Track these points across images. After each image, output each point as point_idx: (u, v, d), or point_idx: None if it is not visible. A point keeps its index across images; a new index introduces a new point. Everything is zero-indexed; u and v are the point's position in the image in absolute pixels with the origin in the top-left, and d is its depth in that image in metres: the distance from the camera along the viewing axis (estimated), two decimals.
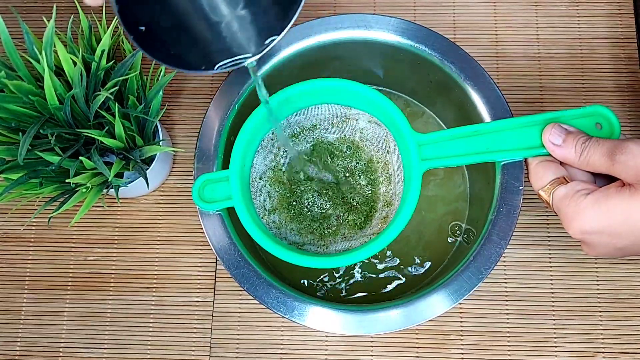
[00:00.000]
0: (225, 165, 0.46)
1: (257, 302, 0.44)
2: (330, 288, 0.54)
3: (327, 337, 0.53)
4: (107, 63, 0.47)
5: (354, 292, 0.54)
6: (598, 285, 0.53)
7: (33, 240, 0.57)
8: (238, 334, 0.53)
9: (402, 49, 0.50)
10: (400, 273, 0.54)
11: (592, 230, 0.37)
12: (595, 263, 0.54)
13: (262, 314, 0.54)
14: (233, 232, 0.46)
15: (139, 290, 0.55)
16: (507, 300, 0.53)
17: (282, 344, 0.53)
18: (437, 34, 0.49)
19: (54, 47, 0.45)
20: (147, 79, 0.50)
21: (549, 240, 0.55)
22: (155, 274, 0.55)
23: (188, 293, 0.55)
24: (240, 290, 0.54)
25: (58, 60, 0.46)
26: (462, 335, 0.53)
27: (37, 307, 0.55)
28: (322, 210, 0.48)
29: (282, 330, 0.53)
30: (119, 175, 0.52)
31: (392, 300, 0.45)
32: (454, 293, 0.44)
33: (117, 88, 0.47)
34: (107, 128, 0.48)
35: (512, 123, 0.42)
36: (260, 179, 0.48)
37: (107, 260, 0.56)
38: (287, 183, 0.48)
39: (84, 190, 0.47)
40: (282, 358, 0.53)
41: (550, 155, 0.40)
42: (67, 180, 0.45)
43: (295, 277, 0.54)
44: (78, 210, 0.48)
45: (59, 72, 0.47)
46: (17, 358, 0.54)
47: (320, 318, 0.44)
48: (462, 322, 0.53)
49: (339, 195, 0.49)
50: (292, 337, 0.53)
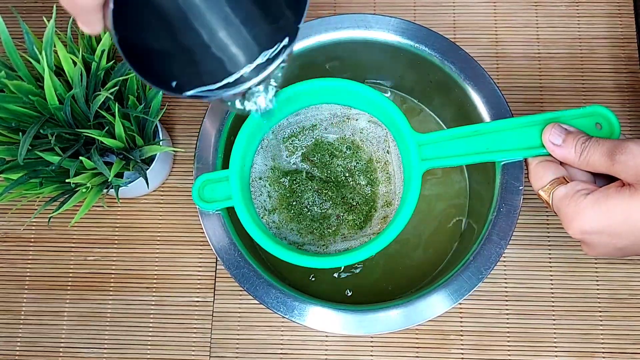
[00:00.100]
0: (225, 165, 0.46)
1: (257, 302, 0.44)
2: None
3: (327, 337, 0.53)
4: (107, 63, 0.47)
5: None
6: (597, 286, 0.53)
7: (33, 240, 0.57)
8: (238, 334, 0.53)
9: (402, 49, 0.49)
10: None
11: (592, 230, 0.37)
12: (595, 263, 0.54)
13: (262, 314, 0.54)
14: (233, 232, 0.46)
15: (139, 290, 0.55)
16: (507, 300, 0.53)
17: (282, 344, 0.53)
18: (437, 34, 0.49)
19: (54, 47, 0.45)
20: None
21: (549, 240, 0.55)
22: (155, 274, 0.55)
23: (188, 293, 0.55)
24: (240, 290, 0.54)
25: (58, 60, 0.46)
26: (462, 335, 0.53)
27: (37, 307, 0.55)
28: (322, 210, 0.48)
29: (282, 330, 0.53)
30: (119, 175, 0.52)
31: (392, 300, 0.45)
32: (454, 293, 0.44)
33: (117, 88, 0.47)
34: (107, 128, 0.48)
35: (512, 123, 0.42)
36: (260, 179, 0.48)
37: (107, 260, 0.56)
38: (287, 183, 0.48)
39: (84, 190, 0.47)
40: (282, 358, 0.53)
41: (550, 155, 0.40)
42: (67, 180, 0.45)
43: (296, 277, 0.54)
44: (78, 210, 0.48)
45: (59, 72, 0.47)
46: (17, 358, 0.54)
47: (320, 318, 0.44)
48: (462, 322, 0.53)
49: (339, 195, 0.49)
50: (292, 337, 0.53)
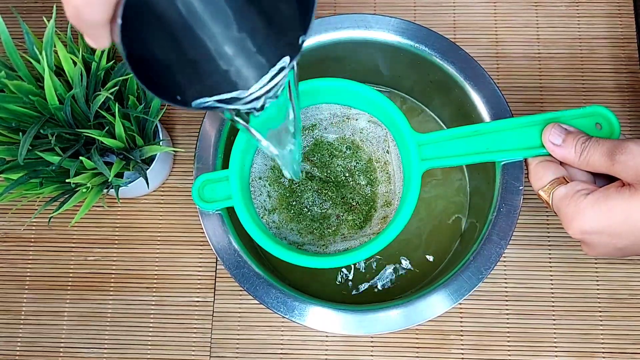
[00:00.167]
0: (225, 165, 0.46)
1: (257, 302, 0.44)
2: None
3: (327, 337, 0.53)
4: (107, 63, 0.47)
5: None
6: (597, 286, 0.53)
7: (33, 240, 0.57)
8: (238, 334, 0.53)
9: (402, 49, 0.49)
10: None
11: (592, 230, 0.37)
12: (595, 263, 0.54)
13: (262, 314, 0.54)
14: (233, 232, 0.46)
15: (139, 290, 0.55)
16: (507, 300, 0.53)
17: (282, 344, 0.53)
18: (437, 34, 0.49)
19: (54, 47, 0.45)
20: None
21: (549, 240, 0.55)
22: (156, 274, 0.55)
23: (188, 293, 0.55)
24: (240, 290, 0.54)
25: (58, 60, 0.46)
26: (462, 335, 0.53)
27: (37, 307, 0.55)
28: (321, 210, 0.48)
29: (282, 330, 0.53)
30: (119, 175, 0.52)
31: (392, 300, 0.45)
32: (454, 293, 0.44)
33: (117, 88, 0.47)
34: (107, 128, 0.48)
35: (512, 123, 0.42)
36: (260, 179, 0.48)
37: (107, 260, 0.56)
38: (286, 183, 0.48)
39: (84, 190, 0.47)
40: (282, 358, 0.53)
41: (550, 155, 0.40)
42: (67, 180, 0.45)
43: (296, 277, 0.54)
44: (78, 210, 0.48)
45: (59, 72, 0.47)
46: (17, 358, 0.54)
47: (320, 318, 0.44)
48: (462, 322, 0.53)
49: (339, 195, 0.49)
50: (292, 337, 0.53)
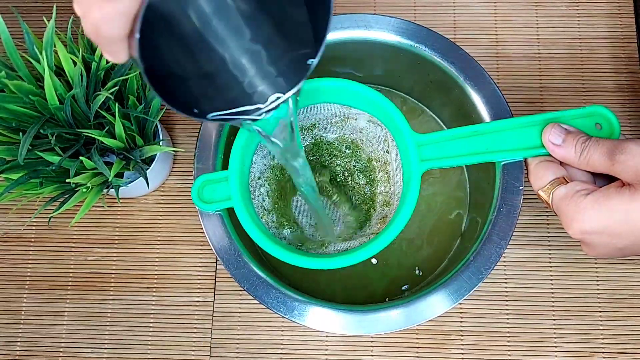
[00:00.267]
0: (225, 166, 0.46)
1: (257, 302, 0.44)
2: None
3: (327, 337, 0.53)
4: (107, 63, 0.47)
5: None
6: (598, 286, 0.53)
7: (33, 240, 0.57)
8: (238, 334, 0.53)
9: (402, 49, 0.49)
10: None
11: (592, 231, 0.37)
12: (595, 263, 0.54)
13: (262, 314, 0.54)
14: (233, 232, 0.46)
15: (139, 290, 0.55)
16: (507, 300, 0.53)
17: (282, 344, 0.53)
18: (437, 34, 0.49)
19: (54, 47, 0.45)
20: None
21: (549, 240, 0.55)
22: (156, 274, 0.55)
23: (188, 293, 0.55)
24: (240, 290, 0.54)
25: (58, 60, 0.46)
26: (462, 335, 0.53)
27: (37, 306, 0.55)
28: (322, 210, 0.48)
29: (282, 330, 0.53)
30: (119, 175, 0.52)
31: (392, 301, 0.45)
32: (454, 293, 0.44)
33: (117, 88, 0.47)
34: (107, 128, 0.48)
35: (512, 123, 0.42)
36: (260, 179, 0.48)
37: (107, 260, 0.56)
38: (286, 182, 0.48)
39: (84, 190, 0.47)
40: (282, 358, 0.53)
41: (550, 156, 0.40)
42: (67, 180, 0.45)
43: (296, 277, 0.54)
44: (78, 210, 0.48)
45: (59, 72, 0.47)
46: (17, 358, 0.54)
47: (320, 318, 0.44)
48: (462, 322, 0.53)
49: (341, 194, 0.49)
50: (292, 337, 0.53)
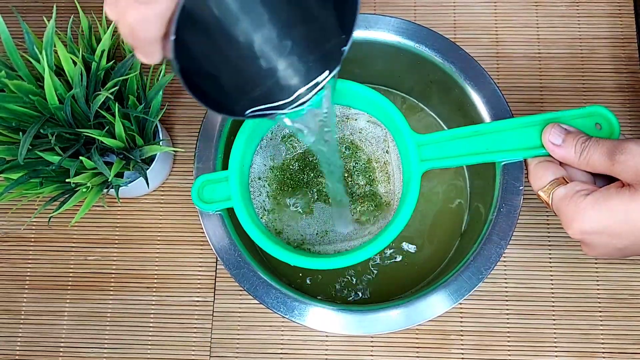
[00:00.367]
0: (225, 166, 0.46)
1: (257, 302, 0.44)
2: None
3: (327, 337, 0.53)
4: (107, 63, 0.47)
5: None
6: (598, 286, 0.53)
7: (33, 240, 0.57)
8: (238, 334, 0.54)
9: (402, 49, 0.49)
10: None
11: (592, 231, 0.37)
12: (595, 263, 0.54)
13: (262, 314, 0.54)
14: (233, 232, 0.46)
15: (140, 290, 0.55)
16: (507, 300, 0.53)
17: (282, 344, 0.53)
18: (437, 34, 0.49)
19: (54, 47, 0.45)
20: (147, 79, 0.50)
21: (549, 240, 0.55)
22: (156, 274, 0.55)
23: (188, 293, 0.55)
24: (240, 290, 0.54)
25: (58, 60, 0.46)
26: (462, 335, 0.53)
27: (37, 306, 0.55)
28: (321, 210, 0.48)
29: (282, 330, 0.53)
30: (119, 175, 0.52)
31: (392, 300, 0.45)
32: (454, 293, 0.44)
33: (117, 88, 0.47)
34: (107, 128, 0.48)
35: (512, 123, 0.42)
36: (260, 179, 0.48)
37: (107, 260, 0.56)
38: (287, 183, 0.48)
39: (84, 190, 0.47)
40: (282, 358, 0.53)
41: (550, 156, 0.40)
42: (67, 180, 0.45)
43: (296, 277, 0.54)
44: (78, 210, 0.48)
45: (59, 72, 0.47)
46: (17, 357, 0.54)
47: (320, 318, 0.44)
48: (462, 322, 0.53)
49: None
50: (292, 337, 0.53)
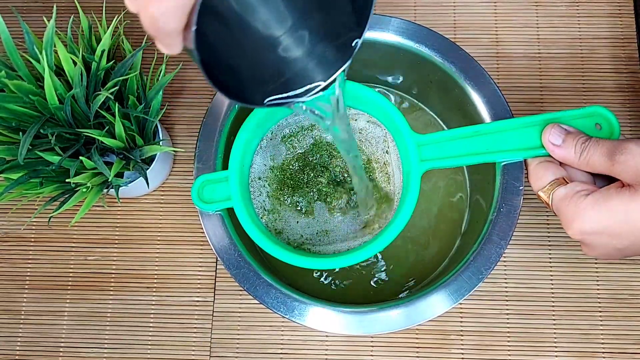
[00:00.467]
0: (226, 166, 0.46)
1: (257, 302, 0.44)
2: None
3: (327, 337, 0.53)
4: (107, 63, 0.47)
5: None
6: (598, 286, 0.53)
7: (33, 240, 0.57)
8: (238, 334, 0.54)
9: (402, 49, 0.49)
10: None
11: (592, 231, 0.37)
12: (595, 263, 0.54)
13: (262, 314, 0.54)
14: (233, 232, 0.46)
15: (140, 290, 0.55)
16: (507, 300, 0.53)
17: (282, 344, 0.53)
18: (437, 34, 0.49)
19: (54, 47, 0.45)
20: (147, 79, 0.50)
21: (549, 240, 0.55)
22: (156, 274, 0.55)
23: (188, 293, 0.55)
24: (240, 290, 0.54)
25: (58, 60, 0.46)
26: (462, 335, 0.53)
27: (37, 306, 0.55)
28: (321, 209, 0.48)
29: (282, 330, 0.53)
30: (119, 175, 0.52)
31: (392, 300, 0.45)
32: (454, 293, 0.44)
33: (117, 88, 0.47)
34: (107, 128, 0.48)
35: (512, 123, 0.42)
36: (260, 179, 0.48)
37: (107, 260, 0.56)
38: (287, 183, 0.48)
39: (84, 190, 0.47)
40: (282, 358, 0.53)
41: (550, 156, 0.40)
42: (67, 180, 0.45)
43: (296, 277, 0.54)
44: (78, 210, 0.48)
45: (59, 72, 0.47)
46: (17, 357, 0.54)
47: (320, 318, 0.44)
48: (462, 322, 0.53)
49: (338, 194, 0.49)
50: (292, 337, 0.53)
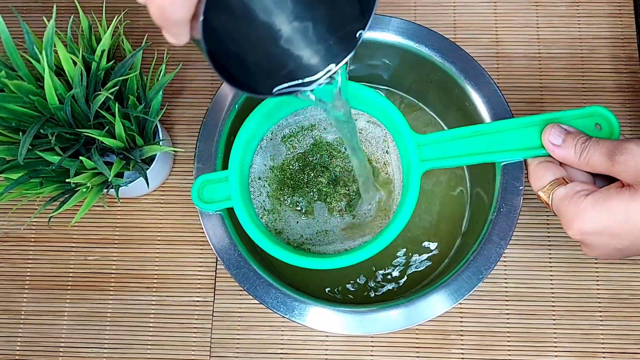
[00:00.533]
0: (226, 166, 0.46)
1: (257, 302, 0.44)
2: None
3: (327, 336, 0.53)
4: (107, 63, 0.47)
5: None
6: (598, 286, 0.53)
7: (33, 240, 0.57)
8: (238, 334, 0.54)
9: (402, 49, 0.49)
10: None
11: (591, 231, 0.37)
12: (595, 263, 0.54)
13: (262, 314, 0.54)
14: (233, 232, 0.46)
15: (140, 290, 0.55)
16: (507, 300, 0.53)
17: (282, 344, 0.53)
18: (437, 34, 0.49)
19: (54, 47, 0.45)
20: (147, 79, 0.50)
21: (549, 240, 0.55)
22: (156, 274, 0.55)
23: (188, 293, 0.55)
24: (240, 290, 0.54)
25: (58, 60, 0.46)
26: (462, 335, 0.53)
27: (37, 306, 0.55)
28: (321, 209, 0.48)
29: (282, 330, 0.53)
30: (119, 175, 0.52)
31: (392, 300, 0.45)
32: (454, 293, 0.44)
33: (117, 88, 0.47)
34: (107, 128, 0.48)
35: (512, 123, 0.42)
36: (260, 179, 0.48)
37: (107, 260, 0.56)
38: (287, 183, 0.48)
39: (84, 190, 0.47)
40: (282, 358, 0.53)
41: (550, 156, 0.40)
42: (67, 180, 0.45)
43: (296, 277, 0.54)
44: (78, 210, 0.48)
45: (59, 72, 0.47)
46: (17, 357, 0.54)
47: (320, 318, 0.44)
48: (462, 322, 0.53)
49: (337, 194, 0.49)
50: (292, 336, 0.53)
